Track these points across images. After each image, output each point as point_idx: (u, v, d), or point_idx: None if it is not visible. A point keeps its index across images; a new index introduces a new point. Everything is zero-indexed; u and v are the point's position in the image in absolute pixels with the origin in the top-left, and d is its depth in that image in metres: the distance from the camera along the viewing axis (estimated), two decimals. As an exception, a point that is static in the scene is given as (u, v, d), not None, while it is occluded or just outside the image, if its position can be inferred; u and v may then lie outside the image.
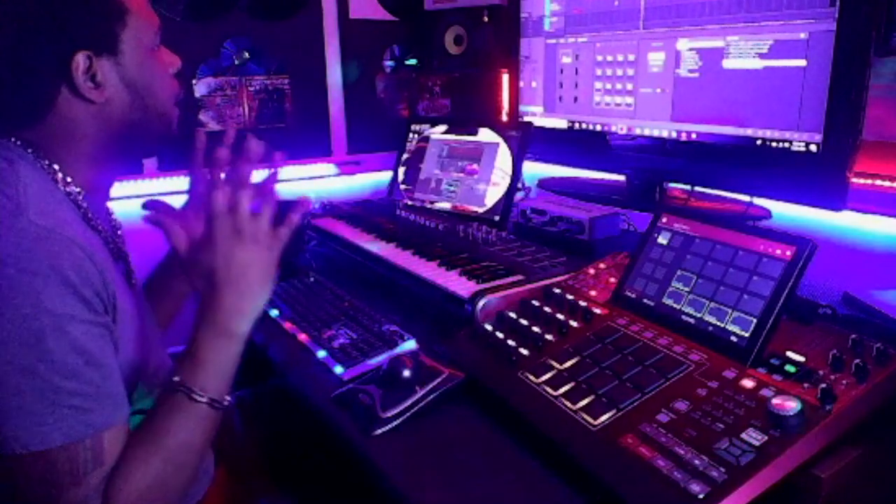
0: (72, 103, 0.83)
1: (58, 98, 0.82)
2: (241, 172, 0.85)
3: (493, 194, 1.67)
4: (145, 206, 0.95)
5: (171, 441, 0.80)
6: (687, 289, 0.98)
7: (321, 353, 1.15)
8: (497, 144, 1.71)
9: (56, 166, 0.84)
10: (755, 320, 0.88)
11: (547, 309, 1.10)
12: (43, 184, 0.82)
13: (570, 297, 1.11)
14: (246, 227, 0.84)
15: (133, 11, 0.85)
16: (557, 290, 1.14)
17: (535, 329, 1.05)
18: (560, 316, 1.06)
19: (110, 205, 0.99)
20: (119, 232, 0.99)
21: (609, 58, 1.61)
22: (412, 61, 2.41)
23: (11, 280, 0.71)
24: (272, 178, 0.89)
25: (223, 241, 0.83)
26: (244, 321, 0.85)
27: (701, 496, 0.68)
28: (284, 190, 0.89)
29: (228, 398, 0.85)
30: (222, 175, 0.87)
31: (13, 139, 0.83)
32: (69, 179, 0.85)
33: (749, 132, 1.33)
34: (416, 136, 1.92)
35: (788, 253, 0.88)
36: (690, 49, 1.41)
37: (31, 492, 0.74)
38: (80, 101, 0.83)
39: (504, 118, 2.12)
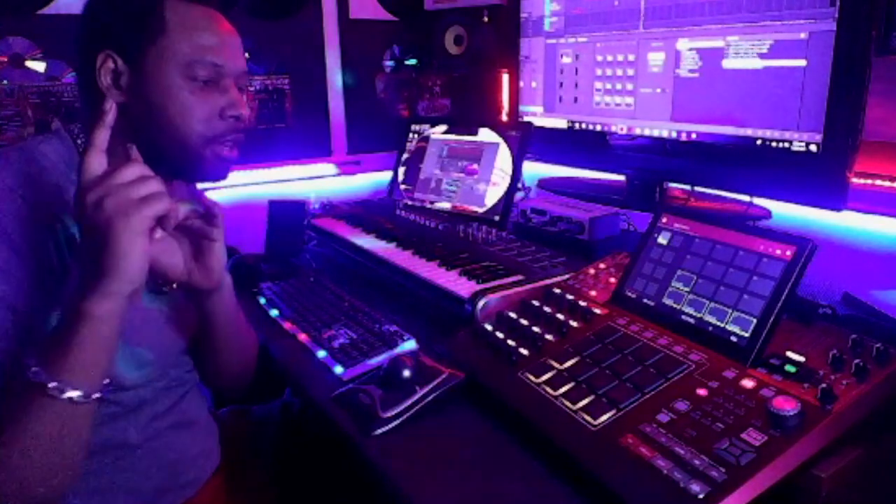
0: (97, 97, 0.88)
1: (93, 87, 0.89)
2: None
3: (493, 194, 1.67)
4: None
5: (28, 440, 0.72)
6: (687, 289, 0.98)
7: (321, 353, 1.15)
8: (497, 144, 1.71)
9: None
10: (755, 320, 0.88)
11: (547, 309, 1.10)
12: (52, 160, 0.90)
13: (570, 297, 1.11)
14: (110, 195, 0.72)
15: (169, 34, 0.88)
16: (557, 291, 1.14)
17: (535, 329, 1.05)
18: (560, 316, 1.06)
19: None
20: None
21: (609, 58, 1.61)
22: (412, 61, 2.41)
23: None
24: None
25: (85, 211, 0.73)
26: (98, 300, 0.73)
27: (701, 496, 0.68)
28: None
29: (98, 394, 0.75)
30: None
31: (77, 126, 0.95)
32: None
33: (749, 132, 1.33)
34: (416, 136, 1.92)
35: (788, 253, 0.88)
36: (690, 49, 1.41)
37: None
38: (103, 96, 0.87)
39: (504, 118, 2.13)
